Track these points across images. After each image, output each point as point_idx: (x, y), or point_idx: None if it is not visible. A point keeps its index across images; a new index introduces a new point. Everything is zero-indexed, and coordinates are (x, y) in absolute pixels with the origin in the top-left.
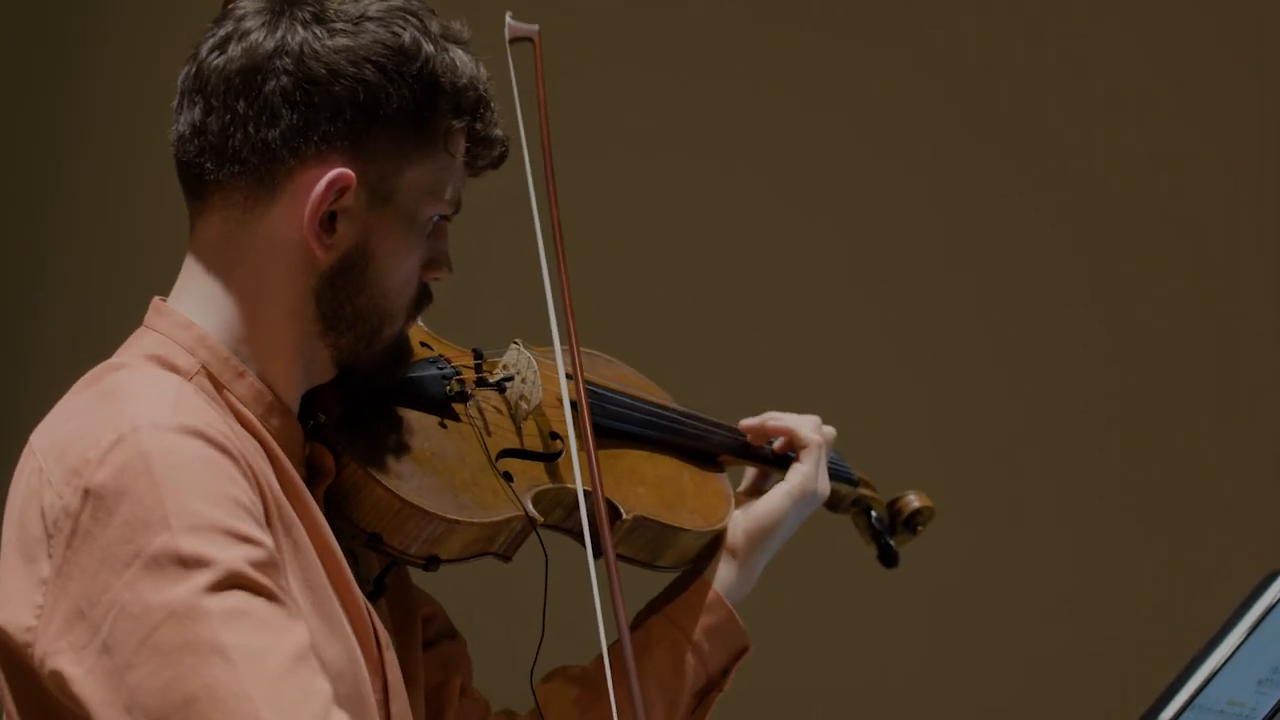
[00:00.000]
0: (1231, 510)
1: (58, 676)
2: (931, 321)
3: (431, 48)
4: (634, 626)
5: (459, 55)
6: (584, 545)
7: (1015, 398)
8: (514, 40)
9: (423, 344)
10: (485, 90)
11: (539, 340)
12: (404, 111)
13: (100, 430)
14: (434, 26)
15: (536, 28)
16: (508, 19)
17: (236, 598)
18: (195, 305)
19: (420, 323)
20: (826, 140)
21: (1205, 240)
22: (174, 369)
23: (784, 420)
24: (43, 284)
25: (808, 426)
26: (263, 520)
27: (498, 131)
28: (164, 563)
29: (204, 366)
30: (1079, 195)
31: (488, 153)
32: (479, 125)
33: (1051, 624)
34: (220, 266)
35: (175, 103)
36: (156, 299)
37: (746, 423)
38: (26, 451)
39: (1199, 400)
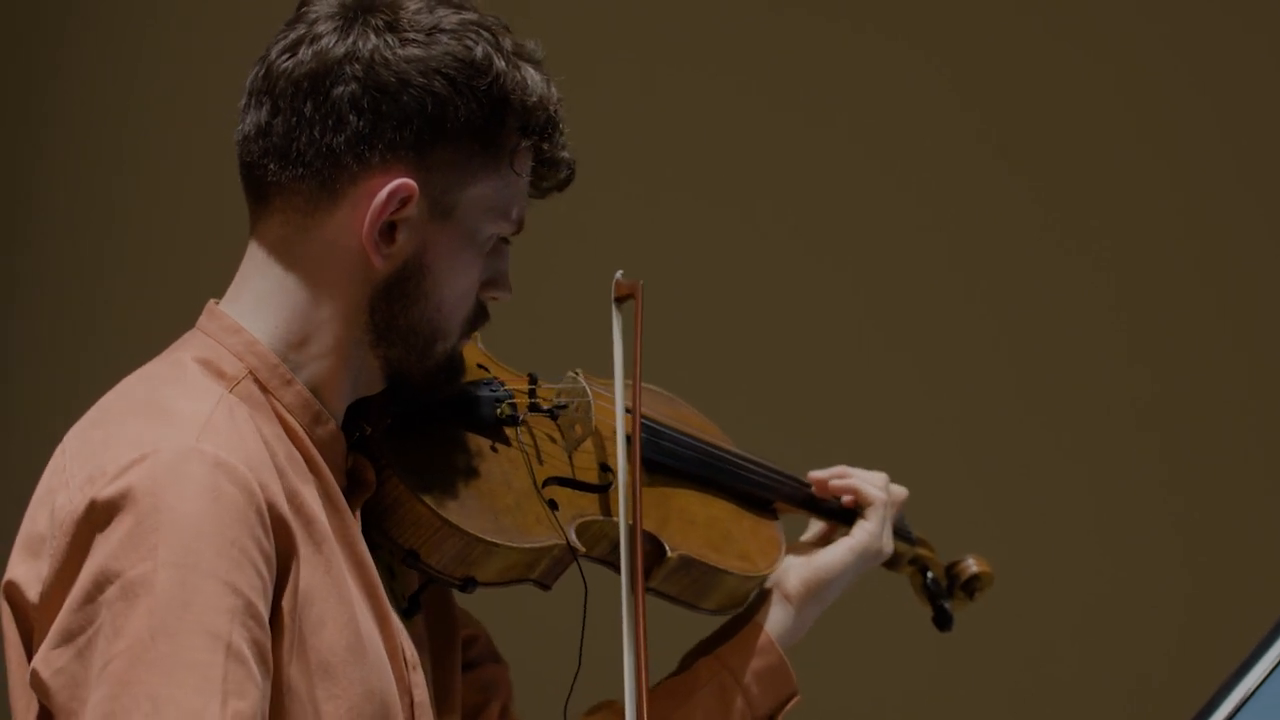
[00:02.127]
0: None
1: (33, 672)
2: (956, 350)
3: (503, 64)
4: (684, 666)
5: (530, 74)
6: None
7: (1040, 411)
8: (619, 299)
9: (480, 365)
10: (556, 111)
11: (602, 373)
12: (471, 126)
13: (126, 446)
14: (507, 43)
15: (641, 282)
16: (616, 276)
17: (196, 648)
18: (248, 309)
19: (480, 344)
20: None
21: (1232, 249)
22: (220, 374)
23: (851, 478)
24: (21, 279)
25: (875, 484)
26: (269, 564)
27: (565, 154)
28: (139, 591)
29: (251, 372)
30: (1109, 211)
31: (554, 174)
32: (546, 146)
33: (1082, 636)
34: (276, 271)
35: (242, 103)
36: (210, 302)
37: (815, 474)
38: (59, 448)
39: (1236, 410)
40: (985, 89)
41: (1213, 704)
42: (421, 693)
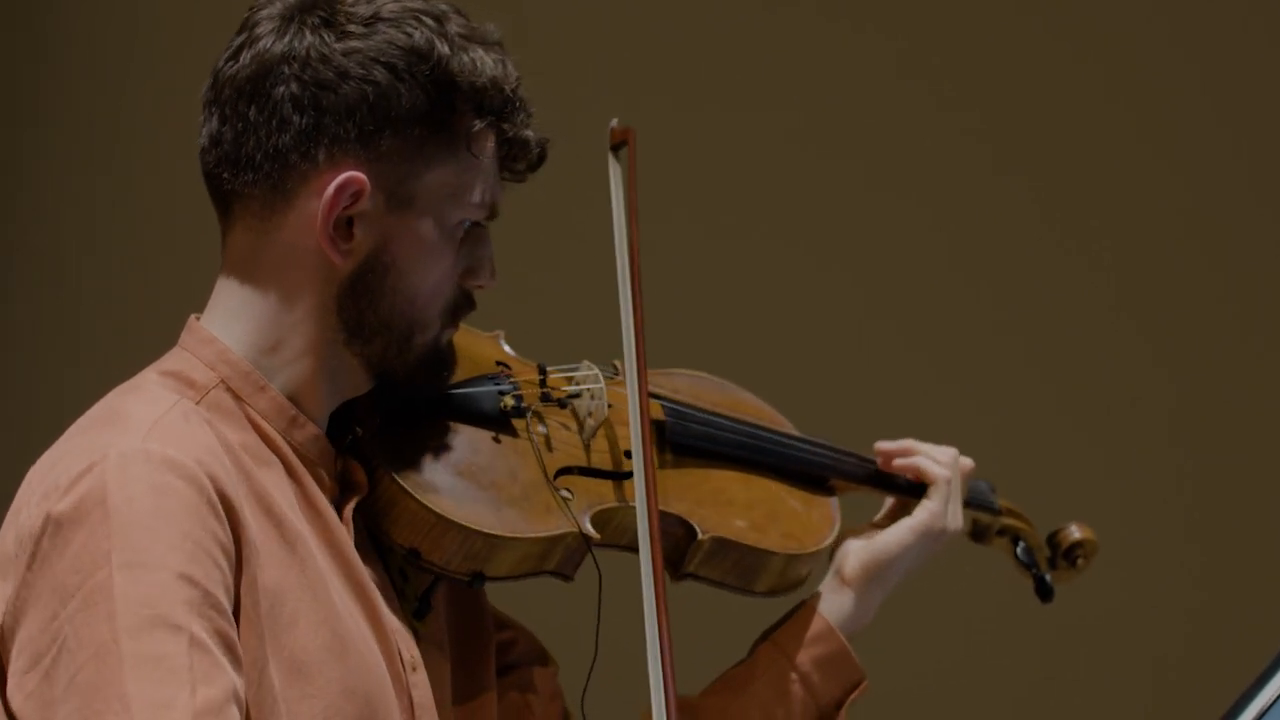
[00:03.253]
0: None
1: (6, 702)
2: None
3: (446, 48)
4: (749, 655)
5: (480, 55)
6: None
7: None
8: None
9: (499, 363)
10: (514, 90)
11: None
12: (417, 112)
13: (79, 457)
14: (452, 27)
15: (634, 129)
16: (612, 123)
17: (157, 642)
18: (221, 320)
19: (504, 344)
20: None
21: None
22: (190, 384)
23: (915, 455)
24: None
25: (940, 460)
26: (226, 554)
27: (529, 132)
28: (98, 599)
29: (223, 381)
30: (1125, 208)
31: (523, 155)
32: (507, 126)
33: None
34: (244, 279)
35: (201, 117)
36: (191, 317)
37: (882, 446)
38: (32, 468)
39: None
40: (983, 83)
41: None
42: (423, 693)
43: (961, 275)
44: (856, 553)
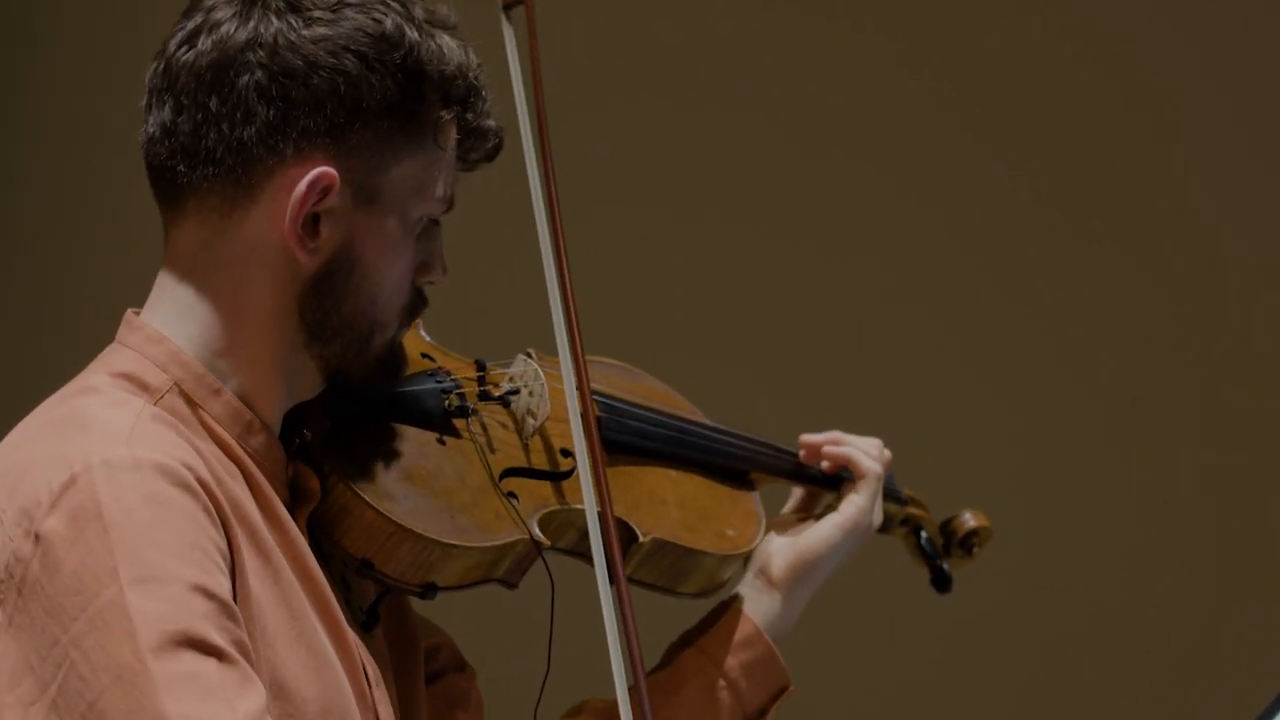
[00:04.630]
0: None
1: None
2: (994, 326)
3: (416, 34)
4: (667, 660)
5: (446, 41)
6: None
7: (1082, 401)
8: (507, 5)
9: (424, 355)
10: (476, 78)
11: (554, 351)
12: (388, 103)
13: (54, 467)
14: (418, 12)
15: None
16: None
17: (186, 659)
18: (170, 317)
19: (423, 333)
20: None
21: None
22: (144, 387)
23: (845, 446)
24: None
25: (870, 454)
26: (225, 560)
27: (490, 122)
28: (111, 618)
29: (176, 384)
30: (1141, 202)
31: (481, 145)
32: (470, 115)
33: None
34: (196, 276)
35: (144, 103)
36: (129, 312)
37: (808, 438)
38: None
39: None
40: (982, 82)
41: None
42: (386, 710)
43: (966, 272)
44: (782, 552)
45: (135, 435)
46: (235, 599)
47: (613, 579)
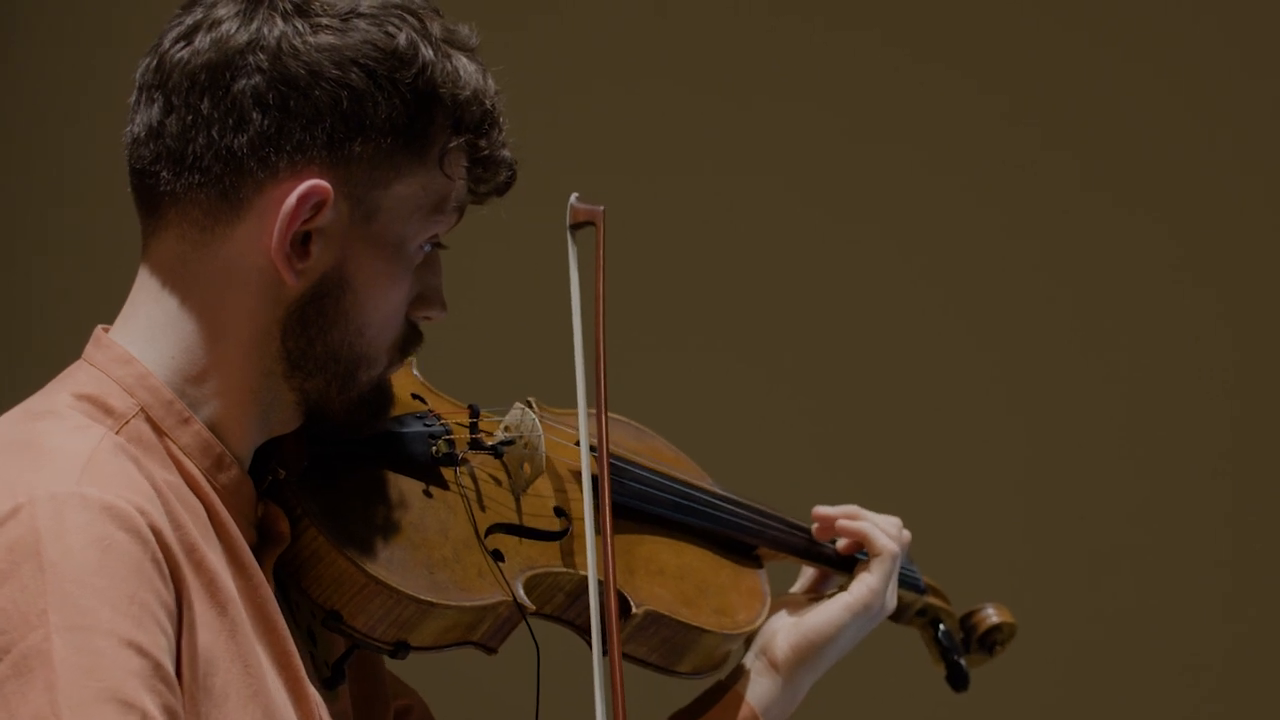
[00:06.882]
0: None
1: None
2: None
3: (431, 53)
4: None
5: (463, 64)
6: (585, 640)
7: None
8: (575, 226)
9: (415, 396)
10: (493, 105)
11: (554, 401)
12: (394, 124)
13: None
14: (436, 29)
15: (601, 208)
16: (571, 200)
17: (108, 718)
18: (140, 337)
19: (416, 372)
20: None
21: None
22: (108, 411)
23: (862, 521)
24: None
25: (888, 532)
26: (171, 617)
27: (504, 153)
28: (34, 665)
29: (143, 409)
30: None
31: (493, 176)
32: (482, 144)
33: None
34: (172, 293)
35: (132, 99)
36: (99, 329)
37: (821, 511)
38: None
39: None
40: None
41: None
42: None
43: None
44: (786, 633)
45: (89, 470)
46: (181, 657)
47: (606, 651)
